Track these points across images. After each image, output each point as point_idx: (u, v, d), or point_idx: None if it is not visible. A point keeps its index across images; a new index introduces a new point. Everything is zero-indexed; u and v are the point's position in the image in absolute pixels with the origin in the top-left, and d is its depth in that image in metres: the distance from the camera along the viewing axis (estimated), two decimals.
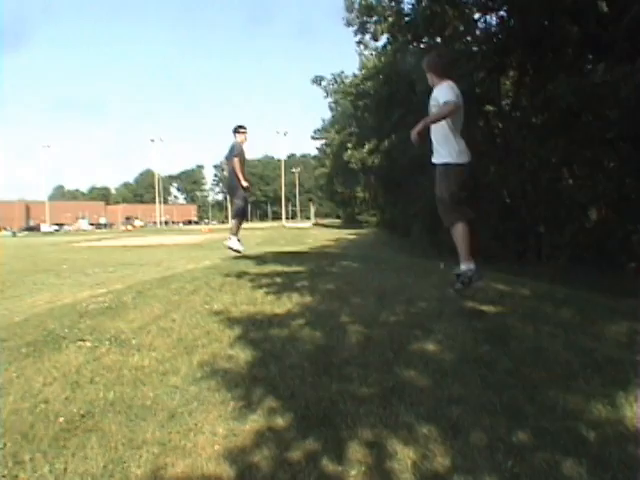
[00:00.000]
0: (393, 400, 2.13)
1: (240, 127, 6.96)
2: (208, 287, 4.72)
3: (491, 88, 13.34)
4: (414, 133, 3.78)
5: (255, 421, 1.99)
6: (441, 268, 5.94)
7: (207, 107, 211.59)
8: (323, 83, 22.23)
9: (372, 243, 23.64)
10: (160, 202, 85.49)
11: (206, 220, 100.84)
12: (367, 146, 21.48)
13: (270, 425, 1.96)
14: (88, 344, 3.02)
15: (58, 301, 5.05)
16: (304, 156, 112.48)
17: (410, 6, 13.51)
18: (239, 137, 6.88)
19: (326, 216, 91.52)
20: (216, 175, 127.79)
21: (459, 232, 3.83)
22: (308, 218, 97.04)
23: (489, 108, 14.70)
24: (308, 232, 33.42)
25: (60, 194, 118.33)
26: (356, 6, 15.03)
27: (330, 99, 26.38)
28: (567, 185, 12.28)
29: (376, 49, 17.94)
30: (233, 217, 7.36)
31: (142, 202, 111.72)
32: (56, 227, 77.91)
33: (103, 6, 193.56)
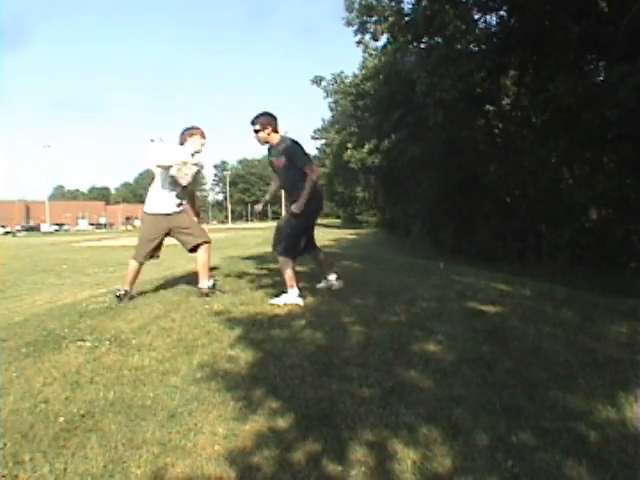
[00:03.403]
0: (393, 400, 2.13)
1: None
2: None
3: (491, 88, 13.35)
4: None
5: (255, 421, 1.99)
6: (441, 268, 5.94)
7: (207, 107, 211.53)
8: (323, 83, 22.13)
9: (372, 243, 23.64)
10: None
11: (214, 222, 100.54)
12: (367, 146, 21.44)
13: (270, 425, 1.96)
14: (88, 344, 3.02)
15: (58, 301, 5.05)
16: None
17: (410, 6, 13.53)
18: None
19: (326, 216, 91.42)
20: (216, 175, 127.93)
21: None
22: None
23: (489, 108, 14.71)
24: None
25: (60, 194, 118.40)
26: (356, 6, 15.01)
27: (330, 99, 26.24)
28: (567, 185, 12.30)
29: (376, 49, 17.91)
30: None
31: (142, 202, 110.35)
32: (56, 227, 77.92)
33: (103, 5, 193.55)
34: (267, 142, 4.02)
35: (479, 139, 14.94)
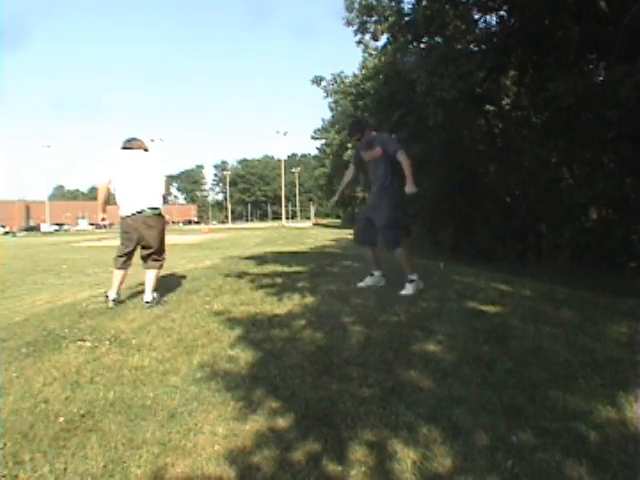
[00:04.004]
0: (393, 400, 2.13)
1: None
2: (208, 287, 4.73)
3: (491, 88, 13.33)
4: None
5: (255, 421, 1.99)
6: (441, 268, 5.94)
7: (207, 107, 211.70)
8: (323, 83, 22.14)
9: None
10: None
11: (214, 222, 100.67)
12: None
13: (270, 425, 1.96)
14: (88, 344, 3.02)
15: (58, 301, 5.05)
16: (304, 156, 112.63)
17: (410, 6, 13.53)
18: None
19: (326, 216, 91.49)
20: (216, 175, 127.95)
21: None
22: (308, 218, 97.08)
23: (489, 108, 14.70)
24: (308, 232, 33.41)
25: (60, 194, 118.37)
26: (356, 6, 15.01)
27: (330, 99, 26.30)
28: (567, 185, 12.28)
29: (376, 49, 17.92)
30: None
31: None
32: (56, 227, 77.91)
33: (103, 4, 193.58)
34: (368, 143, 4.36)
35: (479, 139, 14.93)
